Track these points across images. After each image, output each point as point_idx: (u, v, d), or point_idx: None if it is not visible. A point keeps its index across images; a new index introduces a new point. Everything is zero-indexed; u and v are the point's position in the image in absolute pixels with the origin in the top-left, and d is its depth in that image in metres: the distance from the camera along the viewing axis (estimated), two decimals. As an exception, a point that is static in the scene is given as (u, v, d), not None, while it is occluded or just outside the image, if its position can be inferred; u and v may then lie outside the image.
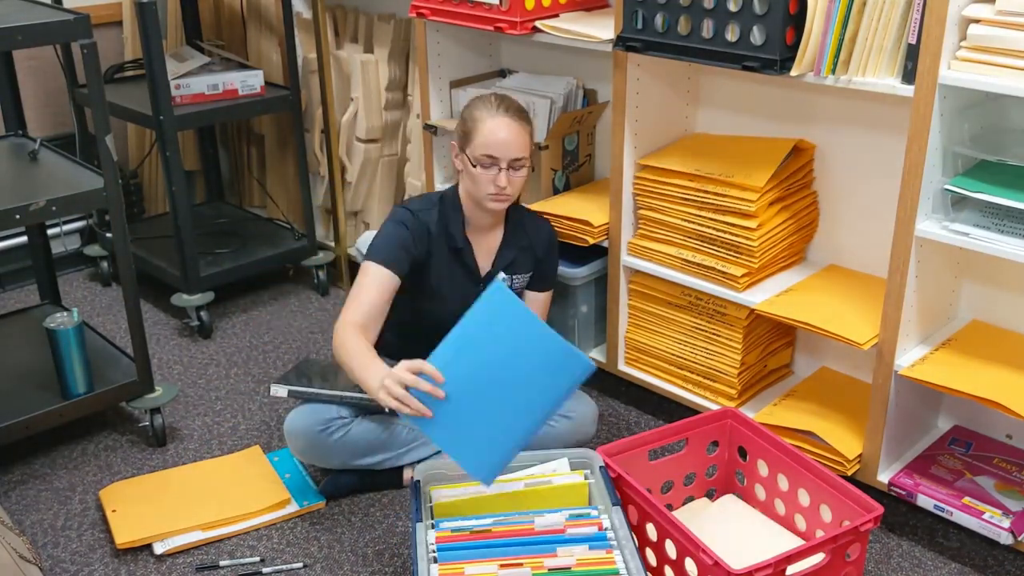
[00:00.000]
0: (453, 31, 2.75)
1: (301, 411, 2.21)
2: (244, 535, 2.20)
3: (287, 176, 3.60)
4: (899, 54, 1.87)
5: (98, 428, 2.60)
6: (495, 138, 2.11)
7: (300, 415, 2.20)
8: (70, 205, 2.23)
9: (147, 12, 2.71)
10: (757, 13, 1.96)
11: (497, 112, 2.13)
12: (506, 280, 2.26)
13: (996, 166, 1.92)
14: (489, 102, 2.16)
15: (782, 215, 2.29)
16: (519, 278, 2.32)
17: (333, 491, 2.30)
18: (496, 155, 2.11)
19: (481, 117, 2.14)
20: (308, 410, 2.20)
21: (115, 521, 2.19)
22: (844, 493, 1.84)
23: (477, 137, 2.13)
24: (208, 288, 3.08)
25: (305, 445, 2.20)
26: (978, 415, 2.23)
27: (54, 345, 2.35)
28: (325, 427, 2.18)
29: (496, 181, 2.12)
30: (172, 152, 2.89)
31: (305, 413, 2.20)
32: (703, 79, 2.49)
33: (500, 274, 2.23)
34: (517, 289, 2.32)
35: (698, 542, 1.69)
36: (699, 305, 2.37)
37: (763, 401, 2.37)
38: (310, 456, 2.25)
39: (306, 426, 2.18)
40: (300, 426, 2.19)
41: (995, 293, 2.15)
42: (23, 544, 2.00)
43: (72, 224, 3.53)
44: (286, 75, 3.28)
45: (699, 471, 2.13)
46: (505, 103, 2.16)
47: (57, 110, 3.45)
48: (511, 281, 2.29)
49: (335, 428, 2.18)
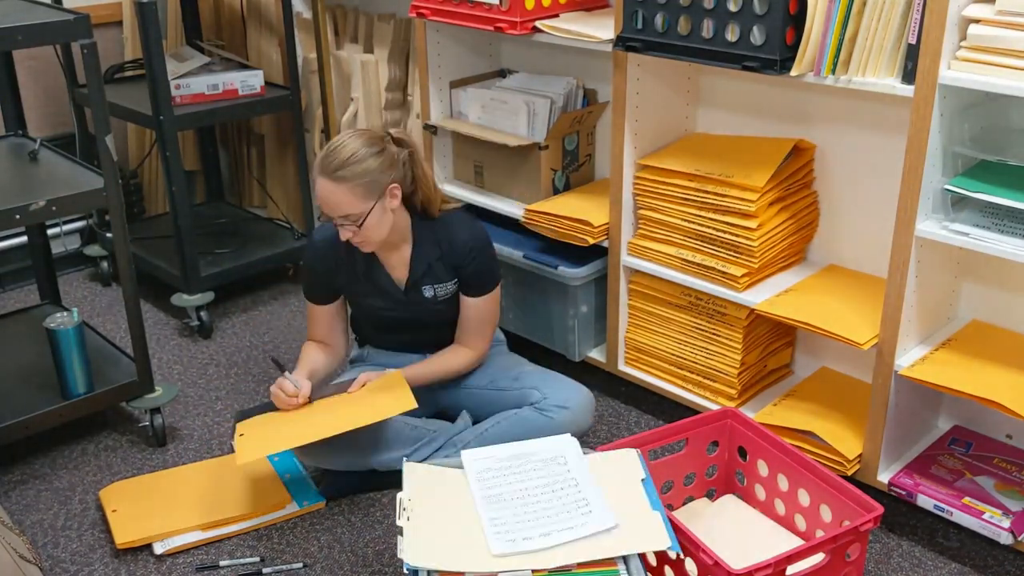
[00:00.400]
0: (453, 31, 2.75)
1: None
2: (244, 535, 2.19)
3: (287, 176, 3.60)
4: (899, 54, 1.87)
5: (98, 428, 2.60)
6: (318, 198, 2.12)
7: None
8: (70, 205, 2.23)
9: (147, 12, 2.71)
10: (757, 13, 1.96)
11: (318, 169, 2.10)
12: (427, 291, 2.29)
13: (996, 166, 1.92)
14: (321, 153, 2.12)
15: (782, 215, 2.29)
16: (440, 287, 2.29)
17: (334, 492, 2.30)
18: (325, 212, 2.13)
19: (313, 171, 2.18)
20: None
21: (115, 521, 2.19)
22: (844, 493, 1.84)
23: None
24: (208, 288, 3.08)
25: (309, 446, 2.20)
26: (978, 415, 2.23)
27: (54, 345, 2.35)
28: None
29: (343, 234, 2.14)
30: (172, 152, 2.89)
31: None
32: (703, 79, 2.49)
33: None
34: (441, 298, 2.30)
35: (698, 542, 1.69)
36: (699, 305, 2.37)
37: (763, 401, 2.37)
38: (314, 457, 2.25)
39: None
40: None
41: (995, 293, 2.15)
42: (23, 544, 2.00)
43: (72, 224, 3.53)
44: (286, 75, 3.28)
45: (699, 471, 2.13)
46: (328, 157, 2.09)
47: (57, 110, 3.45)
48: (432, 291, 2.29)
49: None
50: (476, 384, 2.37)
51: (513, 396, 2.30)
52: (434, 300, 2.30)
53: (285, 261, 3.36)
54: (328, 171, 2.08)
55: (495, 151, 2.70)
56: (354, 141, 2.11)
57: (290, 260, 3.36)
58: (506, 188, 2.74)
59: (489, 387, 2.35)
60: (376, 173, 2.11)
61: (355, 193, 2.09)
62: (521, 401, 2.28)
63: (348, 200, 2.09)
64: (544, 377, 2.33)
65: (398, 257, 2.28)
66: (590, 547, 1.62)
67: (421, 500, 1.74)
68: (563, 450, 1.85)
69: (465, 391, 2.37)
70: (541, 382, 2.31)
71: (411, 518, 1.69)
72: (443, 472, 1.82)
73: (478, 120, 2.75)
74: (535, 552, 1.60)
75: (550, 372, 2.36)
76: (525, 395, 2.29)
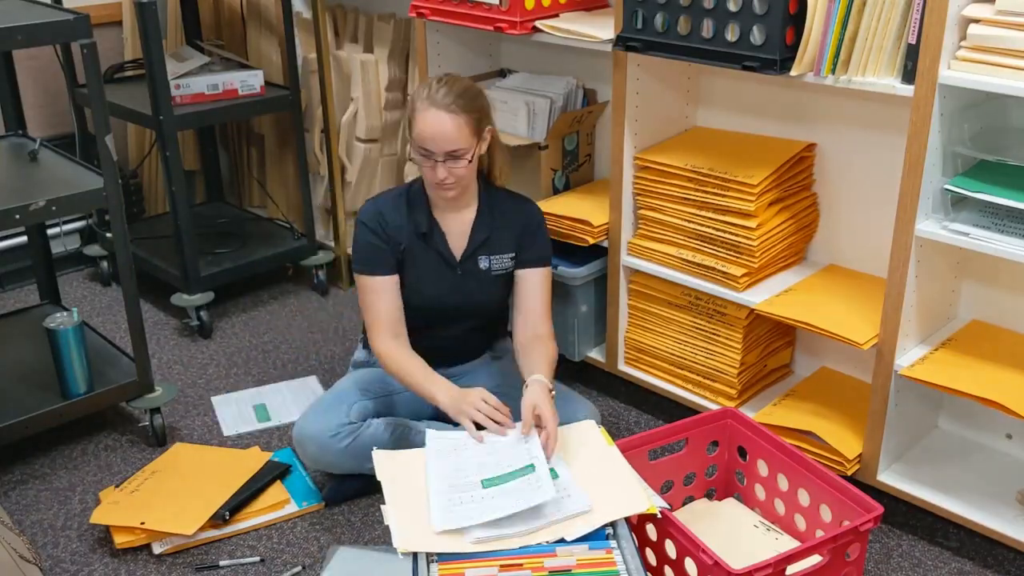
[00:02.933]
0: (453, 31, 2.75)
1: (310, 418, 2.20)
2: (244, 535, 2.19)
3: (287, 176, 3.60)
4: (899, 54, 1.86)
5: (98, 428, 2.60)
6: (426, 132, 2.02)
7: (309, 422, 2.19)
8: (70, 205, 2.23)
9: (147, 12, 2.71)
10: (757, 13, 1.96)
11: (429, 102, 2.02)
12: (483, 262, 2.22)
13: (996, 166, 1.92)
14: (426, 88, 2.05)
15: (782, 215, 2.29)
16: (497, 259, 2.22)
17: (338, 497, 2.29)
18: (429, 148, 2.04)
19: (418, 106, 2.05)
20: (317, 417, 2.19)
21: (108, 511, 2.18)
22: (844, 493, 1.84)
23: (414, 128, 2.06)
24: (208, 288, 3.08)
25: (316, 451, 2.18)
26: (978, 415, 2.23)
27: (54, 345, 2.35)
28: (335, 433, 2.15)
29: (435, 174, 2.06)
30: (172, 152, 2.89)
31: (314, 420, 2.19)
32: (703, 79, 2.49)
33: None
34: (496, 272, 2.23)
35: (698, 542, 1.69)
36: (699, 305, 2.37)
37: (763, 401, 2.37)
38: (320, 462, 2.22)
39: (316, 432, 2.16)
40: (309, 432, 2.17)
41: (995, 293, 2.15)
42: (23, 544, 2.00)
43: (72, 224, 3.53)
44: (286, 75, 3.28)
45: (699, 471, 2.13)
46: (442, 90, 2.03)
47: (57, 110, 3.45)
48: (488, 262, 2.22)
49: (344, 434, 2.16)
50: (487, 388, 2.24)
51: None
52: (488, 272, 2.22)
53: (285, 261, 3.36)
54: (443, 103, 2.01)
55: (495, 151, 2.69)
56: (463, 79, 2.10)
57: (290, 260, 3.36)
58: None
59: (496, 391, 2.28)
60: (485, 111, 2.10)
61: (468, 126, 2.03)
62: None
63: (461, 133, 2.02)
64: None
65: (459, 222, 2.20)
66: (568, 526, 1.72)
67: (398, 485, 1.81)
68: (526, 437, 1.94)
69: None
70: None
71: (393, 503, 1.77)
72: (409, 454, 1.94)
73: (478, 120, 2.75)
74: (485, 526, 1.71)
75: (559, 385, 2.32)
76: None
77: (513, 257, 2.24)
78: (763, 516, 2.07)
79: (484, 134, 2.11)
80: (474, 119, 2.06)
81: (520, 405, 2.00)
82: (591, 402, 2.33)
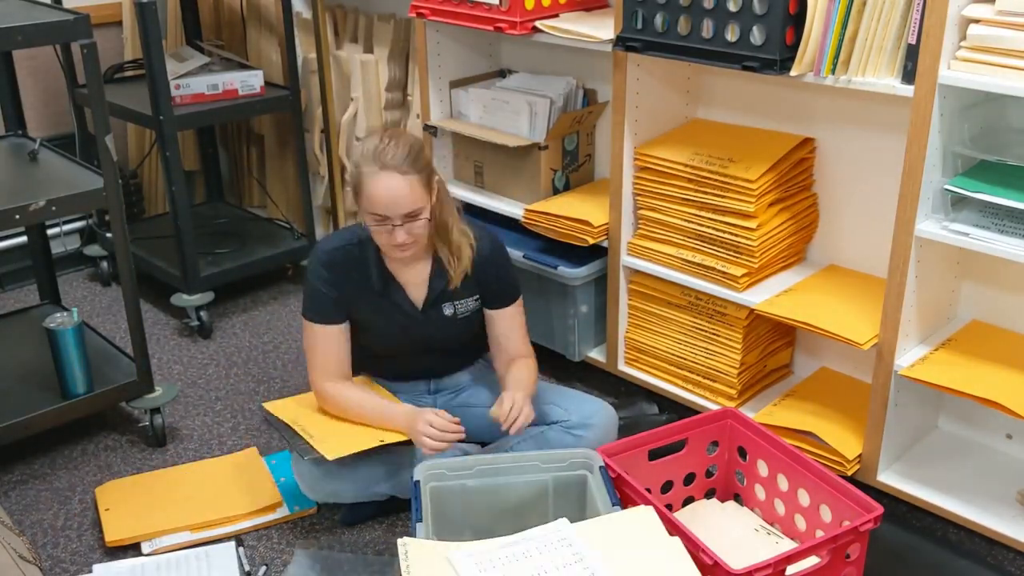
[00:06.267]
0: (453, 31, 2.75)
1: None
2: (243, 535, 2.19)
3: (287, 176, 3.60)
4: (899, 54, 1.86)
5: (98, 428, 2.60)
6: (381, 197, 1.94)
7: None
8: (70, 205, 2.23)
9: (147, 12, 2.71)
10: (757, 13, 1.96)
11: (378, 165, 1.94)
12: (447, 309, 2.16)
13: (996, 166, 1.92)
14: (371, 153, 1.96)
15: (782, 215, 2.29)
16: (461, 303, 2.16)
17: (353, 520, 2.21)
18: (385, 214, 1.96)
19: (365, 171, 1.96)
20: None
21: (107, 519, 2.18)
22: (844, 493, 1.84)
23: (364, 194, 1.97)
24: (208, 288, 3.08)
25: (312, 480, 2.10)
26: (978, 415, 2.23)
27: (54, 345, 2.35)
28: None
29: (393, 238, 1.98)
30: (172, 152, 2.89)
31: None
32: (703, 79, 2.49)
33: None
34: (462, 315, 2.17)
35: (698, 542, 1.69)
36: (699, 305, 2.37)
37: (763, 401, 2.37)
38: (321, 493, 2.13)
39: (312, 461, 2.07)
40: (305, 465, 2.09)
41: (995, 293, 2.15)
42: (23, 544, 2.00)
43: (72, 224, 3.53)
44: (286, 75, 3.28)
45: (699, 471, 2.13)
46: (388, 151, 1.95)
47: (57, 110, 3.45)
48: (452, 308, 2.16)
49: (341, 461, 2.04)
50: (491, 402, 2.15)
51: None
52: (453, 318, 2.17)
53: (285, 261, 3.36)
54: (392, 164, 1.94)
55: (495, 151, 2.70)
56: (405, 134, 2.01)
57: (290, 260, 3.36)
58: (506, 188, 2.74)
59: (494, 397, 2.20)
60: (430, 161, 2.03)
61: (421, 184, 1.97)
62: (541, 418, 2.16)
63: (416, 193, 1.96)
64: (562, 392, 2.26)
65: (415, 273, 2.14)
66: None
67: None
68: (559, 530, 1.69)
69: (480, 409, 2.18)
70: (559, 397, 2.21)
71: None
72: (444, 550, 1.63)
73: (480, 120, 2.75)
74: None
75: (566, 388, 2.32)
76: (545, 412, 2.17)
77: (477, 299, 2.18)
78: (763, 516, 2.07)
79: (434, 185, 2.04)
80: (424, 175, 1.99)
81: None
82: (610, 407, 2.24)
